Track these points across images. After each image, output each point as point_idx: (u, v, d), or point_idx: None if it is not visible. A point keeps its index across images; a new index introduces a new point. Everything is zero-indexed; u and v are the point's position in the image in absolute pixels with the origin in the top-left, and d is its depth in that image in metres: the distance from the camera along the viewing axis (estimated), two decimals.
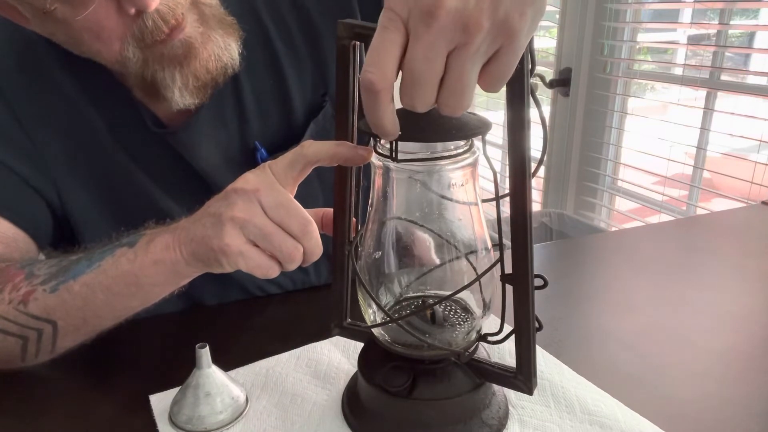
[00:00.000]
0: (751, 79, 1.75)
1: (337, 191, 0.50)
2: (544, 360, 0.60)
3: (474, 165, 0.45)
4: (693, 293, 0.77)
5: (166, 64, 0.58)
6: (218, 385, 0.52)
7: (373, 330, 0.51)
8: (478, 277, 0.46)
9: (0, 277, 0.55)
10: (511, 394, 0.54)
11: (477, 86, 0.36)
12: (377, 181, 0.48)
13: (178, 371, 0.53)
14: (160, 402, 0.54)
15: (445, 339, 0.49)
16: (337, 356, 0.61)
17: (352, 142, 0.48)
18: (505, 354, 0.60)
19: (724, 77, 1.73)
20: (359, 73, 0.46)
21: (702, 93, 1.76)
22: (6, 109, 0.64)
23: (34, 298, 0.51)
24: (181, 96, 0.61)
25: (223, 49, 0.62)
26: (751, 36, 1.92)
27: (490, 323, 0.51)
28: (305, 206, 0.49)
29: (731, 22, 1.68)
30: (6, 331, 0.52)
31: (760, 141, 1.61)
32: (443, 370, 0.50)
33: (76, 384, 0.60)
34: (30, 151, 0.64)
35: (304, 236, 0.48)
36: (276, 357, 0.61)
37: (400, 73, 0.34)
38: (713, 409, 0.55)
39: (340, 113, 0.47)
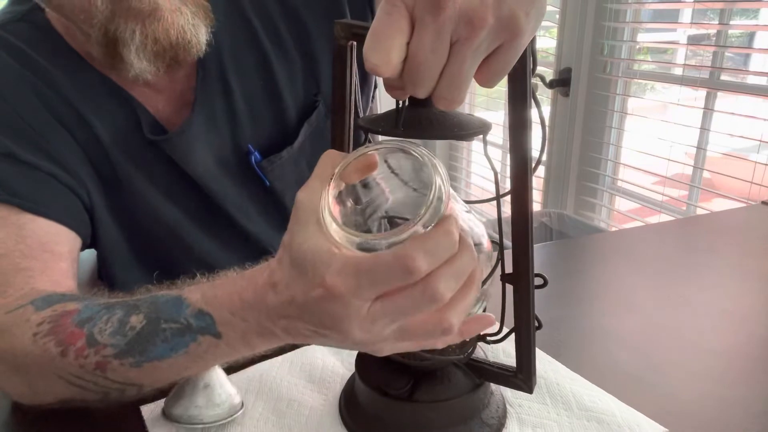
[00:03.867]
0: (751, 79, 1.75)
1: None
2: (539, 358, 0.60)
3: None
4: (693, 293, 0.77)
5: (130, 19, 0.58)
6: (217, 379, 0.52)
7: None
8: (483, 282, 0.46)
9: (57, 331, 0.49)
10: (508, 393, 0.55)
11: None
12: None
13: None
14: (151, 412, 0.53)
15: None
16: (331, 360, 0.61)
17: (348, 143, 0.47)
18: (499, 353, 0.61)
19: (724, 77, 1.73)
20: (357, 73, 0.46)
21: (702, 93, 1.76)
22: (19, 117, 0.63)
23: (112, 369, 0.47)
24: (137, 57, 0.60)
25: (189, 24, 0.61)
26: (751, 36, 1.92)
27: None
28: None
29: (731, 22, 1.68)
30: (84, 388, 0.49)
31: (760, 141, 1.61)
32: (443, 371, 0.50)
33: None
34: (51, 150, 0.64)
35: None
36: (269, 361, 0.60)
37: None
38: (713, 408, 0.55)
39: (337, 113, 0.47)
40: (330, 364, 0.60)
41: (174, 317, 0.44)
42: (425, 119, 0.39)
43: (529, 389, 0.48)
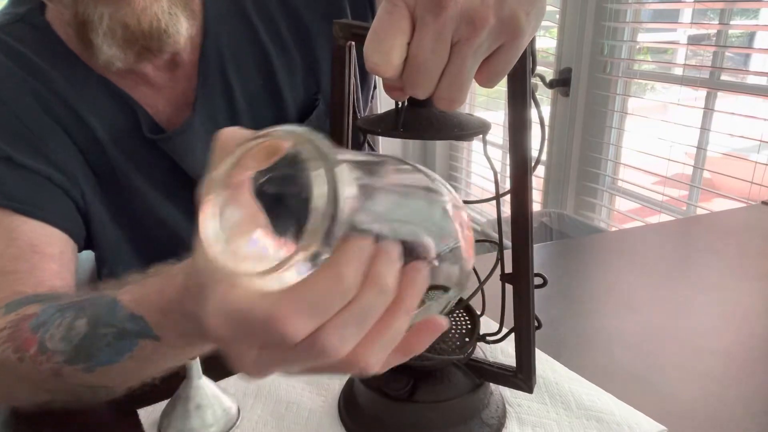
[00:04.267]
0: (751, 79, 1.75)
1: None
2: (537, 357, 0.60)
3: None
4: (693, 293, 0.77)
5: (101, 2, 0.56)
6: (209, 396, 0.51)
7: None
8: (482, 283, 0.46)
9: (15, 336, 0.48)
10: (507, 393, 0.55)
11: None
12: None
13: (167, 383, 0.50)
14: (149, 416, 0.53)
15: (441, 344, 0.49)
16: None
17: (348, 143, 0.47)
18: (498, 353, 0.60)
19: (724, 77, 1.73)
20: (356, 74, 0.46)
21: (702, 93, 1.76)
22: (17, 120, 0.63)
23: (67, 374, 0.46)
24: (105, 43, 0.58)
25: (165, 12, 0.59)
26: (751, 36, 1.92)
27: (486, 324, 0.51)
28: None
29: (731, 22, 1.68)
30: (53, 391, 0.49)
31: (760, 141, 1.61)
32: (443, 371, 0.50)
33: None
34: (48, 153, 0.63)
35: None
36: None
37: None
38: (713, 408, 0.55)
39: (336, 114, 0.47)
40: None
41: (111, 321, 0.42)
42: (425, 119, 0.39)
43: (529, 389, 0.48)
